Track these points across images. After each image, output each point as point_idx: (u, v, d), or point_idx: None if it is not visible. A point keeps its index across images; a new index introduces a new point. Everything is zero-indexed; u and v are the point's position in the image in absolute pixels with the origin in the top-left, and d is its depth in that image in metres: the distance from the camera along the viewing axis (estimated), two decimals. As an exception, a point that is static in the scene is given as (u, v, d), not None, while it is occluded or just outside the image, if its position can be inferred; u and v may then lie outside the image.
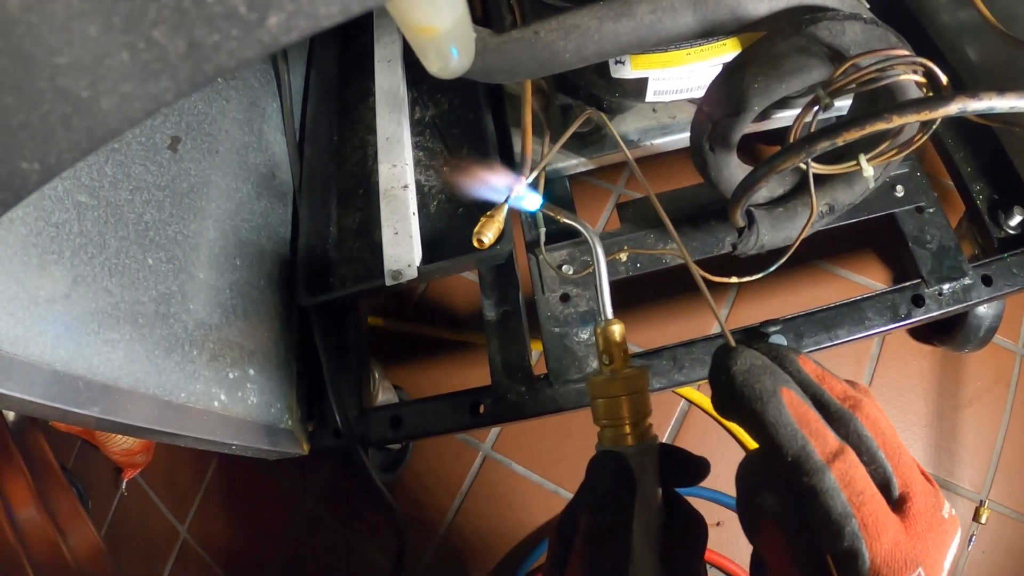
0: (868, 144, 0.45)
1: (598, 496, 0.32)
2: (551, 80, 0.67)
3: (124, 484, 1.03)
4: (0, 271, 0.41)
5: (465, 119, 0.74)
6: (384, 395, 0.78)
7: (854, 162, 0.45)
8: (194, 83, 0.16)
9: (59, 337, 0.44)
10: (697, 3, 0.44)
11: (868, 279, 0.92)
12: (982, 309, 0.77)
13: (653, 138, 0.66)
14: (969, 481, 0.84)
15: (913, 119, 0.39)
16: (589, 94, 0.61)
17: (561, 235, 0.64)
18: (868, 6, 0.66)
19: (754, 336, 0.59)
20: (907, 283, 0.63)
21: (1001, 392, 0.87)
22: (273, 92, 0.82)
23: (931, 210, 0.67)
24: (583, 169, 0.65)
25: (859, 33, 0.44)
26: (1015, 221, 0.70)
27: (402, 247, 0.64)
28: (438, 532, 0.91)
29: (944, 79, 0.41)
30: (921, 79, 0.42)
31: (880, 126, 0.39)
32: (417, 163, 0.72)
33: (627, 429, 0.34)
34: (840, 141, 0.40)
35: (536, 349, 0.75)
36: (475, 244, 0.49)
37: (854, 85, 0.42)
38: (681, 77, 0.56)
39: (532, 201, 0.52)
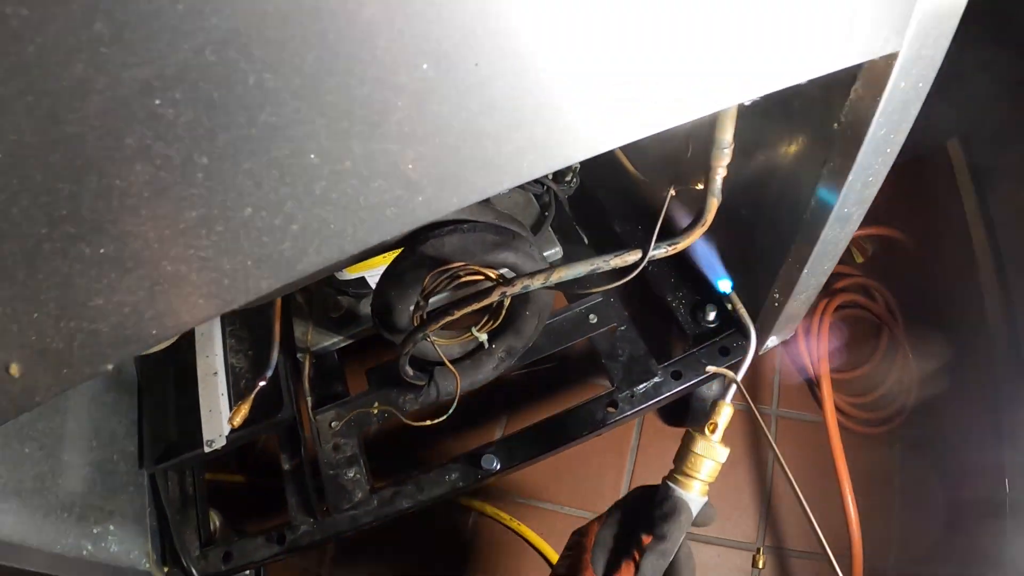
0: (475, 317, 0.65)
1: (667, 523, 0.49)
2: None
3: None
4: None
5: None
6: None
7: (469, 334, 0.65)
8: None
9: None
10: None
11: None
12: (704, 390, 0.94)
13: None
14: (742, 533, 0.99)
15: (467, 311, 0.59)
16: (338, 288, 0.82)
17: (328, 399, 0.82)
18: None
19: (472, 460, 0.76)
20: (603, 393, 0.81)
21: (763, 449, 1.04)
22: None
23: (623, 327, 0.84)
24: (343, 344, 0.84)
25: (456, 243, 0.61)
26: (711, 316, 0.88)
27: (214, 423, 0.81)
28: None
29: (494, 275, 0.61)
30: (490, 274, 0.62)
31: (447, 318, 0.59)
32: (230, 349, 0.90)
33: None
34: (429, 331, 0.60)
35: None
36: (228, 424, 0.67)
37: (444, 287, 0.62)
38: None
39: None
